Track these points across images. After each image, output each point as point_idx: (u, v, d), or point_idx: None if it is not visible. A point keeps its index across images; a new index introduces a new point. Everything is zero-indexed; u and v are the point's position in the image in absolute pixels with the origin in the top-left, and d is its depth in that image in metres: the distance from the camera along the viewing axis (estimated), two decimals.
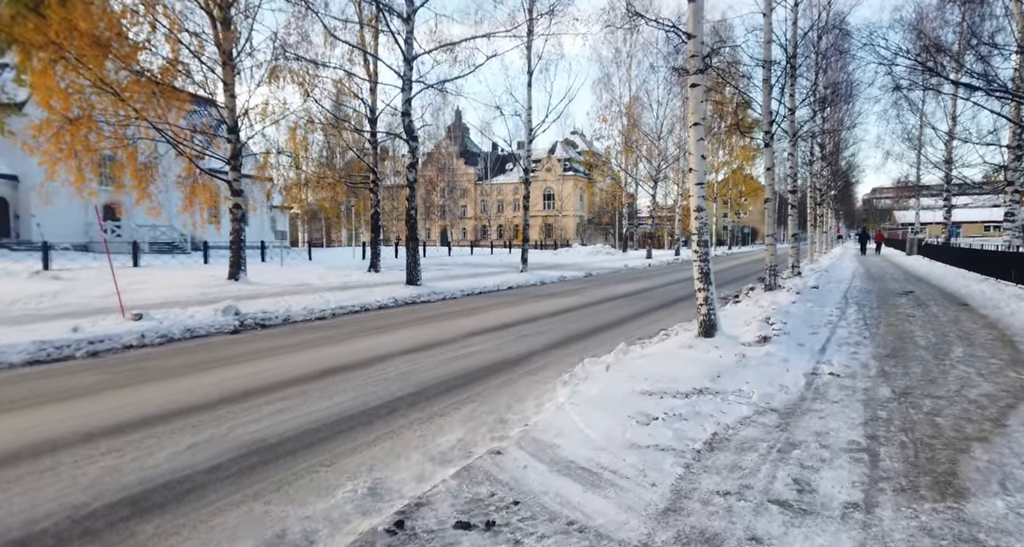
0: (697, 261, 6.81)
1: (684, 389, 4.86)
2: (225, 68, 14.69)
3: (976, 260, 18.19)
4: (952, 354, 6.42)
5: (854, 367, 5.81)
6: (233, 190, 15.11)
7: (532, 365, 6.44)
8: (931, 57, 16.19)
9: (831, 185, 34.23)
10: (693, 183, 6.68)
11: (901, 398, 4.69)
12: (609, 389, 4.85)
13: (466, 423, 4.32)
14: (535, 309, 11.61)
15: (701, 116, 6.55)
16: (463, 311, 11.30)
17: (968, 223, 73.94)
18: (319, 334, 8.44)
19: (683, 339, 6.85)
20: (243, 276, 15.30)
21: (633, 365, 5.74)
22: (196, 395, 5.00)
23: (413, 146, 14.46)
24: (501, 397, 5.07)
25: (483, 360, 6.63)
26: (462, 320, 10.02)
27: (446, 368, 6.15)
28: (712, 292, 6.80)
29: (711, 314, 6.75)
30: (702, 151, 6.60)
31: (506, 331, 8.82)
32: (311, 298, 11.75)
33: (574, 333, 8.71)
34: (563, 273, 21.66)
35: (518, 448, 3.53)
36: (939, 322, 8.81)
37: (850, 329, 8.19)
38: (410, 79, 14.17)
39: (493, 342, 7.86)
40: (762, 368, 5.59)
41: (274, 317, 9.63)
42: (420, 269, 14.90)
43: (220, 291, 13.03)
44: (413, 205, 14.65)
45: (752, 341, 6.58)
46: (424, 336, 8.24)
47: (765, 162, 12.60)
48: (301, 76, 17.20)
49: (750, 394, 4.72)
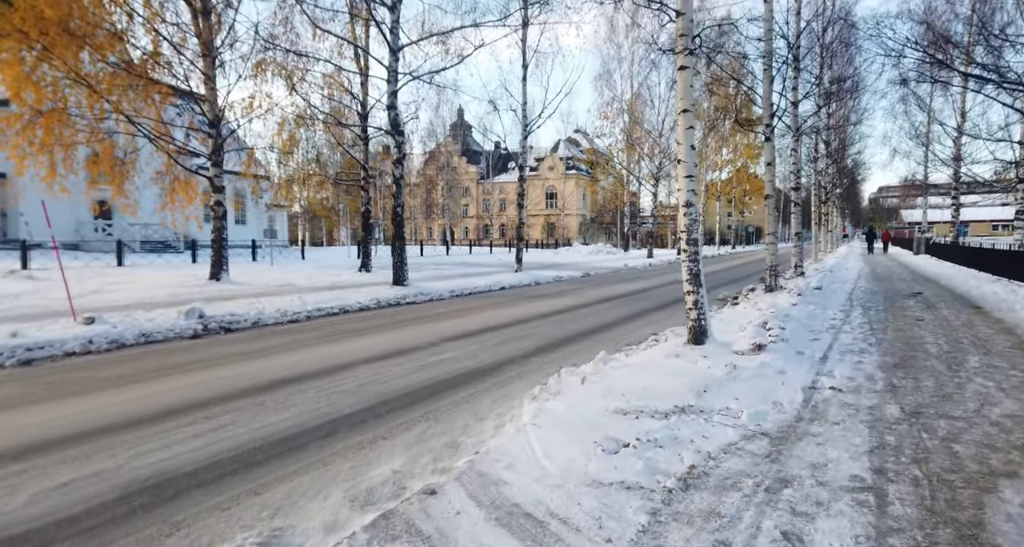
0: (686, 261, 6.23)
1: (664, 407, 4.29)
2: (205, 60, 14.15)
3: (987, 260, 17.54)
4: (967, 364, 5.83)
5: (858, 380, 5.23)
6: (214, 187, 14.58)
7: (506, 375, 5.88)
8: (940, 49, 15.55)
9: (836, 183, 33.54)
10: (682, 175, 6.11)
11: (912, 419, 4.12)
12: (580, 406, 4.29)
13: (411, 448, 3.76)
14: (523, 311, 11.05)
15: (690, 102, 5.97)
16: (447, 313, 10.75)
17: (976, 222, 73.01)
18: (286, 339, 7.89)
19: (671, 346, 6.27)
20: (225, 276, 14.78)
21: (612, 377, 5.17)
22: (114, 412, 4.45)
23: (399, 141, 13.91)
24: (460, 415, 4.52)
25: (453, 369, 6.07)
26: (443, 323, 9.47)
27: (410, 379, 5.59)
28: (703, 295, 6.22)
29: (701, 319, 6.17)
30: (692, 140, 6.03)
31: (487, 335, 8.27)
32: (289, 299, 11.21)
33: (559, 337, 8.15)
34: (560, 273, 21.10)
35: (458, 485, 2.97)
36: (951, 327, 8.21)
37: (854, 335, 7.61)
38: (396, 70, 13.62)
39: (470, 348, 7.30)
40: (755, 381, 5.01)
41: (243, 320, 9.09)
42: (407, 269, 14.35)
43: (196, 292, 12.50)
44: (399, 202, 14.10)
45: (746, 349, 6.00)
46: (398, 341, 7.70)
47: (765, 157, 12.00)
48: (289, 70, 16.70)
49: (738, 413, 4.15)
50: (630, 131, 38.59)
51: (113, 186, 13.93)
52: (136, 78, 13.39)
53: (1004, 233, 65.82)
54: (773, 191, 12.04)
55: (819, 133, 23.25)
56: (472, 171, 79.53)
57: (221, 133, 14.64)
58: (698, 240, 6.23)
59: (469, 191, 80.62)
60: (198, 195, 15.70)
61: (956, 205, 27.01)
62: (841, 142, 30.74)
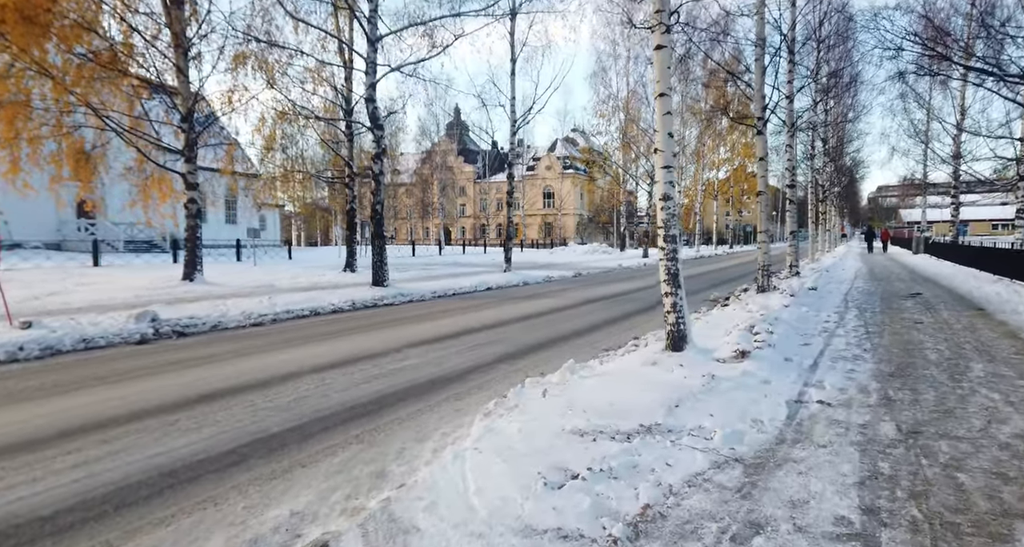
0: (664, 260, 5.71)
1: (628, 426, 3.78)
2: (177, 51, 13.61)
3: (988, 259, 17.03)
4: (971, 373, 5.32)
5: (850, 391, 4.72)
6: (187, 184, 14.04)
7: (467, 385, 5.36)
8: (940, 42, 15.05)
9: (834, 181, 33.00)
10: (659, 166, 5.60)
11: (910, 440, 3.60)
12: (534, 425, 3.78)
13: (329, 479, 3.23)
14: (505, 313, 10.54)
15: (668, 85, 5.45)
16: (423, 316, 10.23)
17: (975, 221, 72.58)
18: (240, 344, 7.37)
19: (648, 353, 5.76)
20: (199, 277, 14.24)
21: (578, 389, 4.66)
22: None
23: (378, 135, 13.38)
24: (401, 435, 4.00)
25: (410, 378, 5.55)
26: (416, 326, 8.95)
27: (358, 391, 5.07)
28: (682, 297, 5.70)
29: (680, 324, 5.65)
30: (670, 127, 5.51)
31: (459, 340, 7.76)
32: (257, 301, 10.68)
33: (535, 342, 7.63)
34: (551, 273, 20.57)
35: (358, 535, 2.45)
36: (952, 330, 7.70)
37: (848, 339, 7.09)
38: (374, 62, 13.09)
39: (437, 354, 6.79)
40: (734, 394, 4.49)
41: (201, 324, 8.56)
42: (387, 269, 13.83)
43: (163, 293, 11.97)
44: (379, 200, 13.57)
45: (728, 357, 5.48)
46: (361, 347, 7.18)
47: (758, 152, 11.49)
48: (269, 64, 16.15)
49: (711, 433, 3.64)
50: (625, 129, 38.07)
51: (81, 183, 13.39)
52: (104, 70, 12.85)
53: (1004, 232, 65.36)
54: (766, 188, 11.53)
55: (815, 130, 22.73)
56: (469, 170, 78.96)
57: (195, 128, 14.09)
58: (676, 237, 5.71)
59: (466, 191, 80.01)
60: (173, 192, 15.16)
61: (955, 204, 26.52)
62: (839, 140, 30.23)
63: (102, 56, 12.88)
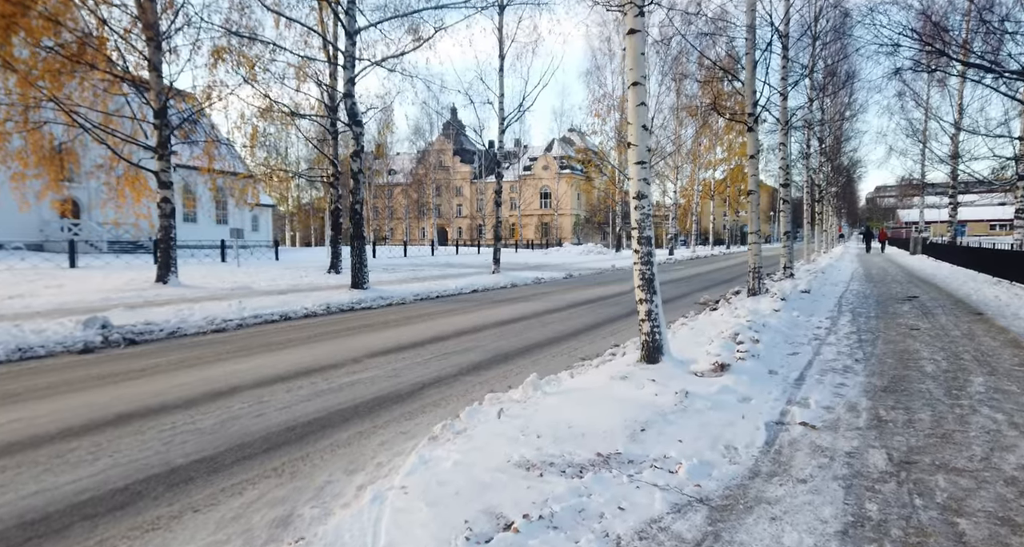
0: (638, 264, 5.26)
1: (584, 456, 3.32)
2: (150, 45, 13.14)
3: (986, 260, 16.62)
4: (970, 388, 4.87)
5: (837, 411, 4.27)
6: (160, 182, 13.56)
7: (423, 402, 4.91)
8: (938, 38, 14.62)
9: (831, 181, 32.56)
10: (632, 162, 5.14)
11: (902, 472, 3.15)
12: (476, 456, 3.32)
13: (218, 531, 2.74)
14: (484, 317, 10.09)
15: (642, 73, 5.00)
16: (397, 321, 9.78)
17: (973, 221, 72.27)
18: (191, 353, 6.91)
19: (621, 365, 5.30)
20: (173, 279, 13.77)
21: (537, 408, 4.21)
22: None
23: (357, 132, 12.92)
24: (330, 465, 3.53)
25: (361, 394, 5.09)
26: (387, 332, 8.50)
27: (297, 410, 4.62)
28: (657, 305, 5.25)
29: (656, 333, 5.20)
30: (644, 119, 5.06)
31: (428, 348, 7.30)
32: (226, 305, 10.22)
33: (508, 350, 7.18)
34: (541, 274, 20.13)
35: None
36: (950, 337, 7.25)
37: (840, 348, 6.64)
38: (353, 55, 12.63)
39: (400, 364, 6.33)
40: (709, 414, 4.04)
41: (157, 330, 8.10)
42: (367, 271, 13.37)
43: (131, 296, 11.51)
44: (358, 199, 13.11)
45: (706, 370, 5.02)
46: (319, 356, 6.72)
47: (749, 149, 11.04)
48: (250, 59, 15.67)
49: (676, 465, 3.18)
50: (621, 128, 37.57)
51: (50, 181, 12.92)
52: (73, 63, 12.38)
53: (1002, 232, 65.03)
54: (757, 187, 11.09)
55: (811, 128, 22.30)
56: (465, 170, 78.46)
57: (169, 124, 13.62)
58: (651, 239, 5.26)
59: (462, 191, 79.54)
60: (148, 191, 14.68)
61: (953, 204, 26.11)
62: (836, 138, 29.80)
63: (70, 49, 12.42)
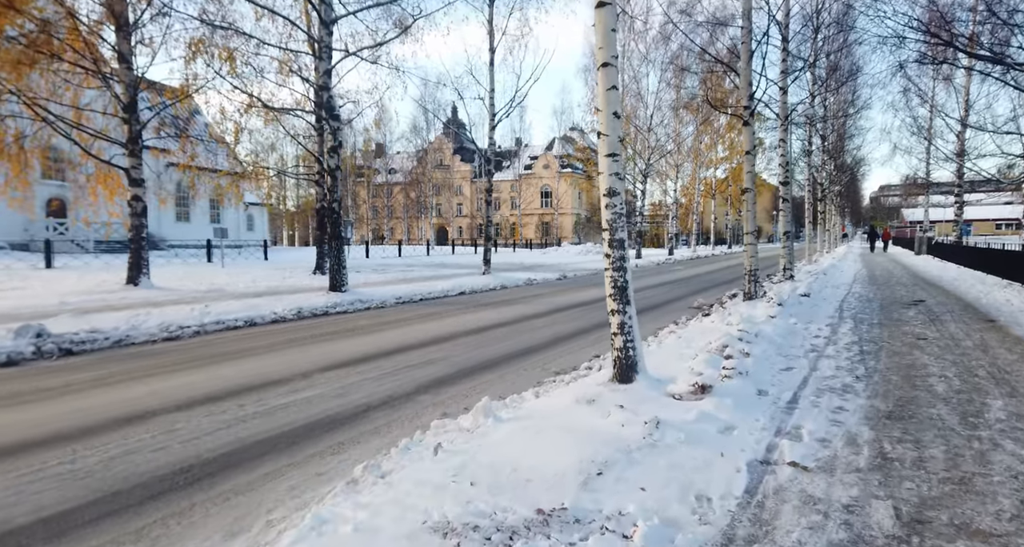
0: (609, 270, 4.63)
1: (520, 514, 2.70)
2: (119, 34, 12.55)
3: (995, 261, 15.95)
4: (988, 414, 4.24)
5: (834, 445, 3.64)
6: (131, 179, 12.98)
7: (360, 428, 4.30)
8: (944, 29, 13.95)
9: (834, 179, 31.80)
10: (603, 154, 4.52)
11: (913, 537, 2.53)
12: (388, 515, 2.70)
13: None
14: (462, 323, 9.49)
15: (613, 52, 4.37)
16: (370, 327, 9.17)
17: (979, 221, 71.29)
18: (126, 367, 6.31)
19: (591, 384, 4.68)
20: (145, 280, 13.19)
21: (485, 440, 3.59)
22: None
23: (334, 126, 12.32)
24: (208, 525, 2.90)
25: (291, 420, 4.48)
26: (353, 341, 7.90)
27: (210, 441, 3.99)
28: (631, 316, 4.62)
29: (629, 349, 4.57)
30: (616, 106, 4.43)
31: (393, 359, 6.70)
32: (189, 310, 9.61)
33: (480, 361, 6.58)
34: (534, 275, 19.49)
35: None
36: (961, 349, 6.61)
37: (839, 361, 6.01)
38: (329, 46, 12.04)
39: (352, 379, 5.72)
40: (681, 451, 3.41)
41: (102, 339, 7.50)
42: (346, 273, 12.76)
43: (94, 300, 10.93)
44: (335, 197, 12.51)
45: (685, 392, 4.39)
46: (264, 370, 6.11)
47: (744, 145, 10.40)
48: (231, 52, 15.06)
49: (632, 527, 2.56)
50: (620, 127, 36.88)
51: (12, 176, 12.35)
52: (35, 53, 11.80)
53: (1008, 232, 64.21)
54: (753, 184, 10.45)
55: (813, 124, 21.62)
56: (465, 169, 77.77)
57: (139, 119, 13.04)
58: (624, 241, 4.63)
59: (462, 190, 78.85)
60: (121, 188, 14.10)
61: (959, 203, 25.38)
62: (839, 136, 29.07)
63: (32, 38, 11.84)
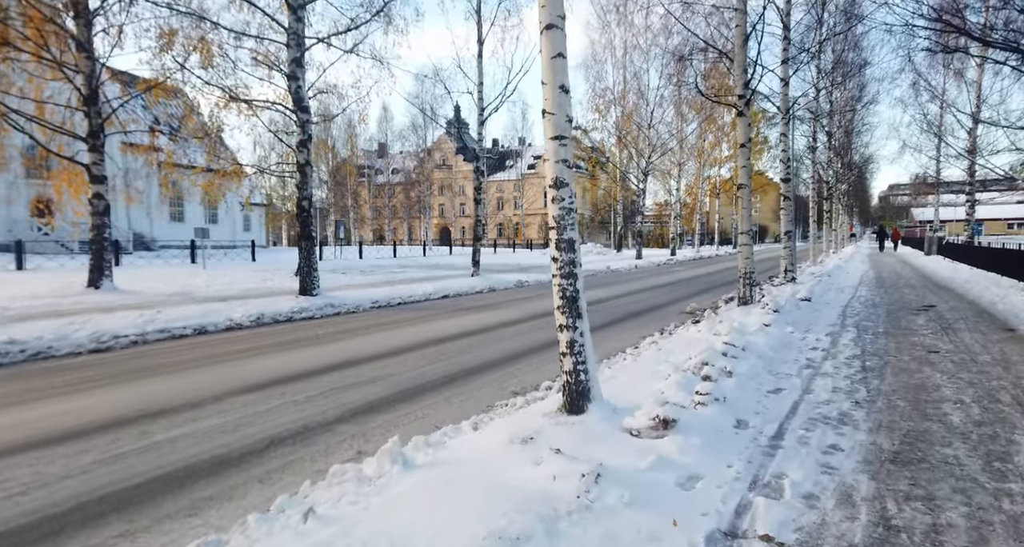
0: (557, 277, 3.85)
1: None
2: (78, 22, 11.85)
3: (1011, 262, 15.02)
4: (1019, 458, 3.42)
5: (824, 506, 2.83)
6: (92, 176, 12.27)
7: (248, 474, 3.53)
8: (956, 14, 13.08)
9: (841, 178, 30.78)
10: (549, 136, 3.74)
11: None
12: None
13: None
14: (430, 331, 8.73)
15: (558, 12, 3.58)
16: (327, 336, 8.41)
17: (990, 220, 69.95)
18: (21, 386, 5.57)
19: (534, 416, 3.89)
20: (107, 283, 12.46)
21: (375, 502, 2.82)
22: None
23: (303, 119, 11.56)
24: None
25: (168, 462, 3.71)
26: (298, 354, 7.14)
27: (22, 503, 3.24)
28: (583, 333, 3.83)
29: (580, 373, 3.78)
30: (563, 79, 3.64)
31: (332, 376, 5.93)
32: (135, 316, 8.89)
33: (429, 379, 5.80)
34: (526, 277, 18.67)
35: None
36: (978, 365, 5.78)
37: (837, 380, 5.19)
38: (298, 33, 11.27)
39: (270, 404, 4.96)
40: (624, 516, 2.61)
41: (16, 352, 6.76)
42: (317, 276, 12.02)
43: (43, 304, 10.20)
44: (305, 194, 11.78)
45: (644, 426, 3.59)
46: (171, 393, 5.36)
47: (738, 137, 9.57)
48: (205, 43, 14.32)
49: None
50: (622, 124, 35.94)
51: None
52: None
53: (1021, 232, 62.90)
54: (748, 180, 9.62)
55: (818, 120, 20.72)
56: (468, 169, 76.97)
57: (101, 112, 12.33)
58: (575, 242, 3.84)
59: (465, 190, 78.04)
60: (86, 186, 13.38)
61: (971, 202, 24.40)
62: (846, 132, 28.09)
63: None
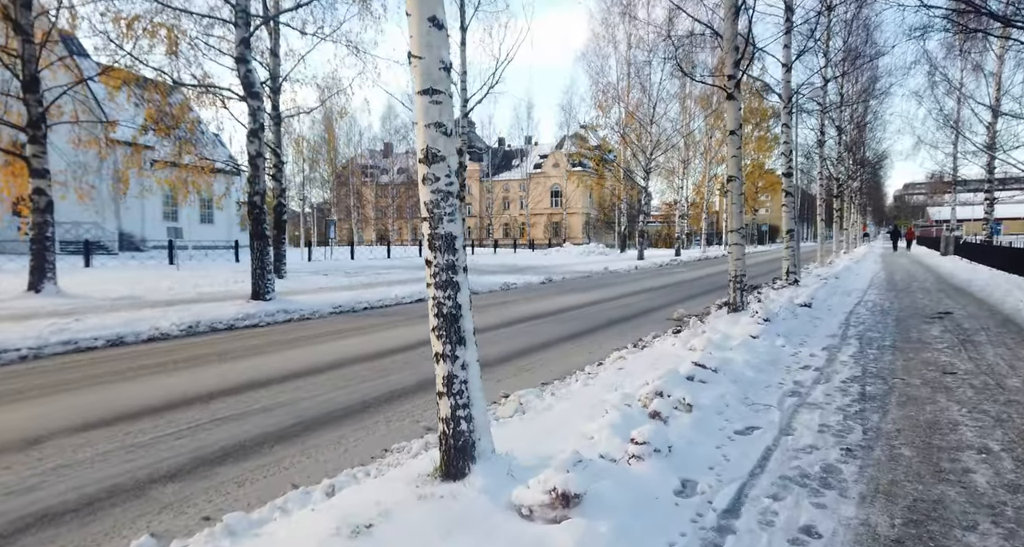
0: (433, 288, 2.81)
1: None
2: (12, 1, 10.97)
3: None
4: None
5: None
6: (32, 170, 11.40)
7: None
8: None
9: (852, 175, 29.41)
10: (417, 90, 2.72)
11: None
12: None
13: None
14: (375, 343, 7.77)
15: None
16: (255, 348, 7.45)
17: (1009, 219, 67.90)
18: None
19: (395, 484, 2.86)
20: (49, 286, 11.57)
21: None
22: None
23: (254, 106, 10.59)
24: None
25: None
26: (200, 373, 6.19)
27: None
28: (465, 365, 2.79)
29: (460, 420, 2.75)
30: (434, 7, 2.63)
31: (226, 401, 4.98)
32: (45, 324, 7.98)
33: (337, 407, 4.82)
34: (515, 279, 17.62)
35: None
36: (1005, 392, 4.67)
37: (827, 415, 4.11)
38: (246, 10, 10.31)
39: (106, 447, 4.00)
40: None
41: None
42: (271, 279, 11.03)
43: None
44: (257, 189, 10.79)
45: (538, 504, 2.53)
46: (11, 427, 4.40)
47: (728, 123, 8.49)
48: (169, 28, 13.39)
49: None
50: (625, 122, 34.67)
51: None
52: None
53: None
54: (739, 172, 8.53)
55: (826, 112, 19.51)
56: (473, 168, 76.05)
57: (41, 101, 11.45)
58: (455, 238, 2.80)
59: (470, 189, 77.11)
60: (24, 179, 12.49)
61: (990, 199, 23.09)
62: (857, 127, 26.77)
63: None
